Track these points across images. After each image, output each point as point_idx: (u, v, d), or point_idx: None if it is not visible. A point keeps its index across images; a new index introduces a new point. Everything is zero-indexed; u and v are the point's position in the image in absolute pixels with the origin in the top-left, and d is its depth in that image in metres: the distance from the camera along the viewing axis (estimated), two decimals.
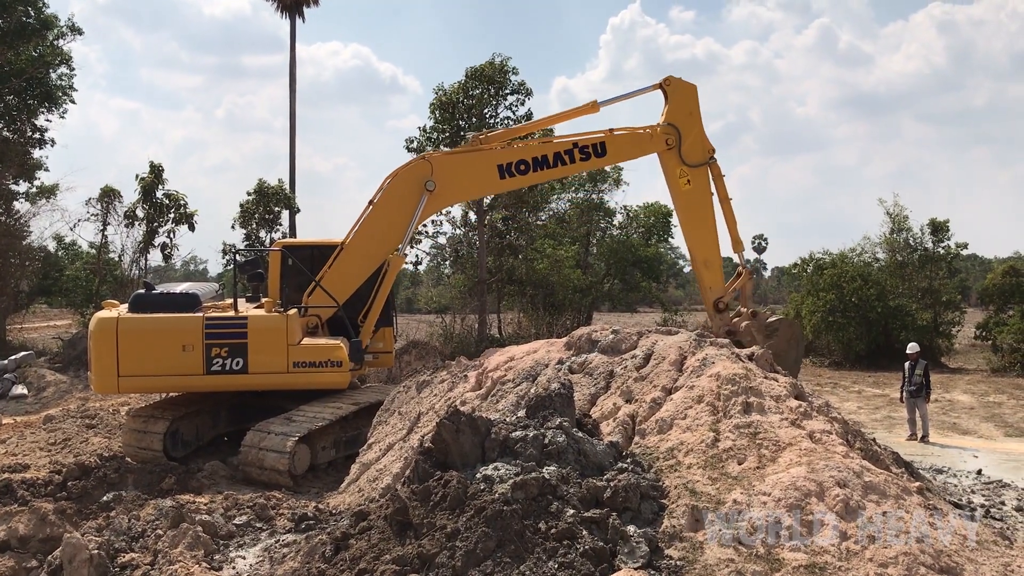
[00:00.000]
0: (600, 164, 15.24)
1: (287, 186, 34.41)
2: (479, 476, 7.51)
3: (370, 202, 14.51)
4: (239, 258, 14.71)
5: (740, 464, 7.97)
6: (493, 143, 15.07)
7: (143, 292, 13.61)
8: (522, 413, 8.97)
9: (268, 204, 31.54)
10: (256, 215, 31.31)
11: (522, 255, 32.25)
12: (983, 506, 10.62)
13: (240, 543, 8.91)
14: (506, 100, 29.97)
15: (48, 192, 31.90)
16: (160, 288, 14.15)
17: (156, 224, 29.47)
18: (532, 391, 10.23)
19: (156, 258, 30.81)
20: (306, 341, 13.20)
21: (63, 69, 30.66)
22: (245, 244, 30.49)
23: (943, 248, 31.86)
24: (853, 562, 6.58)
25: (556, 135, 16.95)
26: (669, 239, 38.85)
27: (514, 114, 30.13)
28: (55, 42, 29.99)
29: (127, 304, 13.50)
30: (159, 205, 29.39)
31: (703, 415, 8.84)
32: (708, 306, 15.18)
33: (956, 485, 11.99)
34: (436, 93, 29.83)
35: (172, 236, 29.81)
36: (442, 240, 33.04)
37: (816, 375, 26.21)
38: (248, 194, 31.52)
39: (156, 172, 29.35)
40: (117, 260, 30.89)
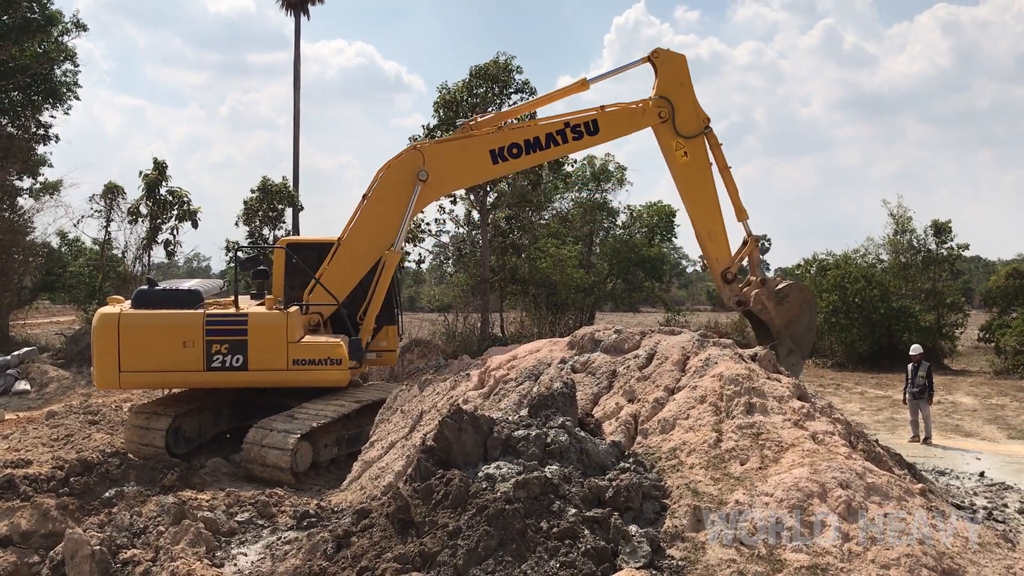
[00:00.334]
0: (593, 143, 14.64)
1: (291, 184, 34.44)
2: (481, 475, 7.52)
3: (364, 196, 14.31)
4: (240, 255, 14.61)
5: (742, 465, 7.97)
6: (484, 128, 14.77)
7: (146, 288, 13.73)
8: (524, 412, 8.98)
9: (272, 202, 31.56)
10: (260, 212, 31.33)
11: (525, 254, 32.23)
12: (985, 508, 10.60)
13: (242, 540, 8.92)
14: (510, 99, 29.90)
15: (52, 188, 31.91)
16: (163, 284, 14.22)
17: (159, 221, 29.52)
18: (535, 390, 10.23)
19: (159, 255, 30.93)
20: (307, 339, 13.20)
21: (68, 65, 30.68)
22: (248, 241, 30.49)
23: (945, 250, 31.83)
24: (855, 563, 6.57)
25: (548, 116, 16.53)
26: (672, 239, 38.84)
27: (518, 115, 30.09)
28: (60, 38, 29.98)
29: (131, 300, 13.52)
30: (162, 202, 29.42)
31: (706, 415, 8.83)
32: (716, 278, 14.81)
33: (958, 487, 11.97)
34: (440, 91, 29.79)
35: (175, 233, 29.88)
36: (445, 239, 33.07)
37: (819, 376, 26.18)
38: (252, 191, 31.57)
39: (160, 169, 29.39)
40: (120, 257, 30.93)
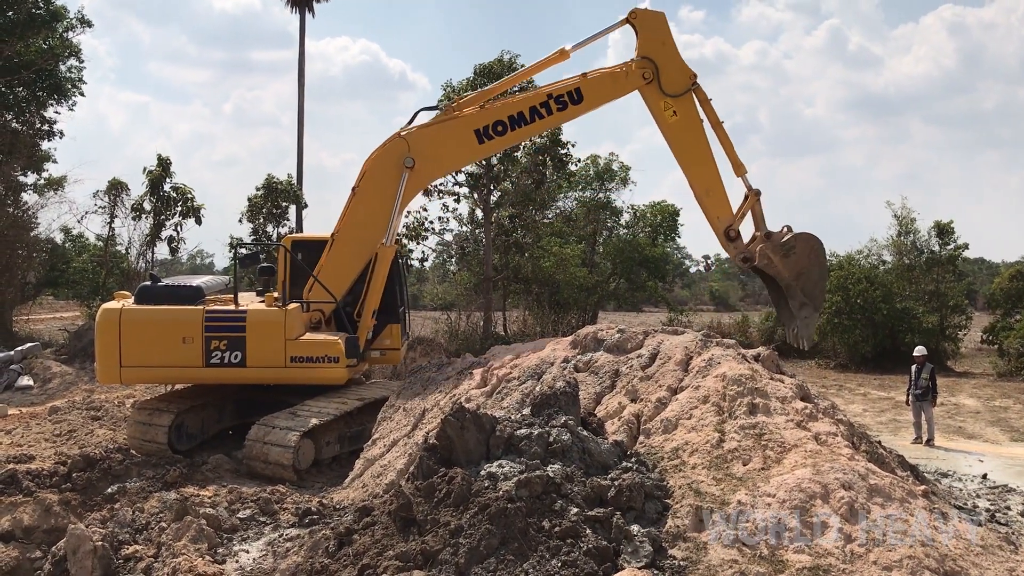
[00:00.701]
0: (578, 112, 14.16)
1: (295, 181, 34.45)
2: (483, 473, 7.52)
3: (352, 189, 14.11)
4: (240, 252, 14.59)
5: (745, 465, 7.96)
6: (467, 109, 14.35)
7: (149, 284, 13.76)
8: (527, 411, 8.98)
9: (276, 199, 31.57)
10: (264, 210, 31.35)
11: (528, 253, 32.21)
12: (988, 510, 10.59)
13: (244, 537, 8.92)
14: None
15: (56, 184, 31.93)
16: (167, 281, 14.27)
17: (163, 217, 29.53)
18: (537, 389, 10.24)
19: (163, 251, 30.93)
20: (305, 336, 13.20)
21: (72, 61, 30.65)
22: (252, 239, 30.51)
23: (948, 251, 31.77)
24: (857, 564, 6.57)
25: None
26: (676, 238, 38.77)
27: None
28: (64, 34, 29.99)
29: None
30: (166, 198, 29.44)
31: (708, 415, 8.83)
32: (719, 237, 14.19)
33: (961, 489, 11.95)
34: (444, 90, 29.76)
35: (179, 229, 29.89)
36: (448, 237, 33.04)
37: (821, 377, 26.15)
38: (257, 189, 31.58)
39: (164, 165, 29.41)
40: (124, 253, 30.96)
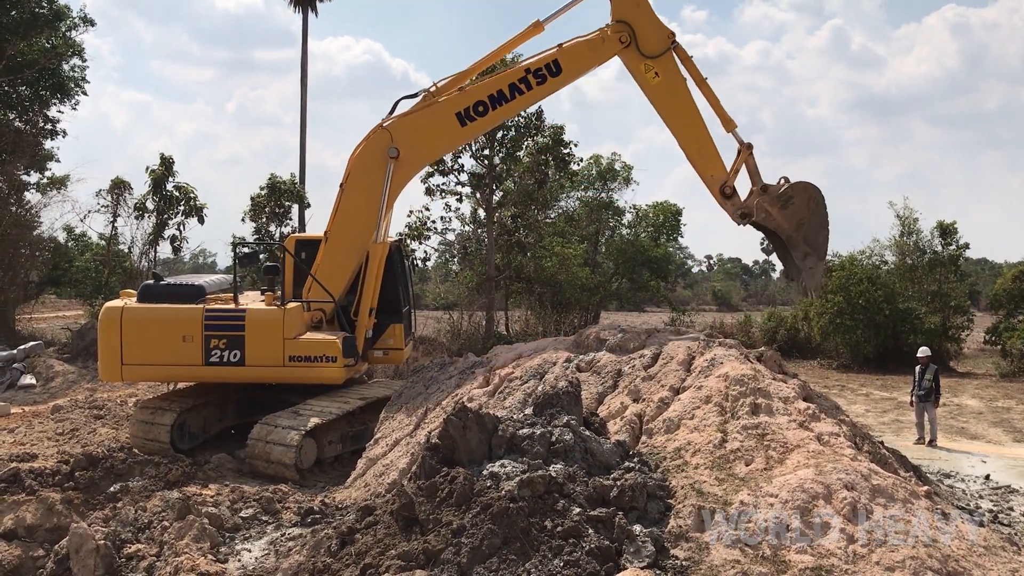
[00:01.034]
0: (559, 84, 13.97)
1: (298, 180, 34.47)
2: (486, 473, 7.52)
3: (340, 186, 14.03)
4: (239, 252, 14.56)
5: (747, 465, 7.96)
6: (446, 92, 14.15)
7: (151, 283, 13.85)
8: (529, 411, 8.98)
9: (279, 199, 31.58)
10: (266, 209, 31.36)
11: (530, 253, 32.20)
12: (991, 511, 10.58)
13: (246, 536, 8.93)
14: None
15: (59, 183, 31.95)
16: (172, 280, 14.33)
17: (166, 216, 29.54)
18: (540, 389, 10.24)
19: (165, 250, 30.95)
20: (304, 336, 13.20)
21: (75, 60, 30.65)
22: (255, 238, 30.53)
23: (950, 252, 31.71)
24: (860, 565, 6.57)
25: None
26: (678, 238, 38.76)
27: (524, 112, 30.06)
28: (67, 33, 29.99)
29: None
30: (169, 197, 29.45)
31: (711, 415, 8.83)
32: (715, 195, 13.74)
33: (964, 490, 11.94)
34: None
35: (182, 229, 29.91)
36: (451, 237, 33.05)
37: (824, 377, 26.13)
38: (260, 189, 31.58)
39: (166, 165, 29.43)
40: (127, 252, 30.99)
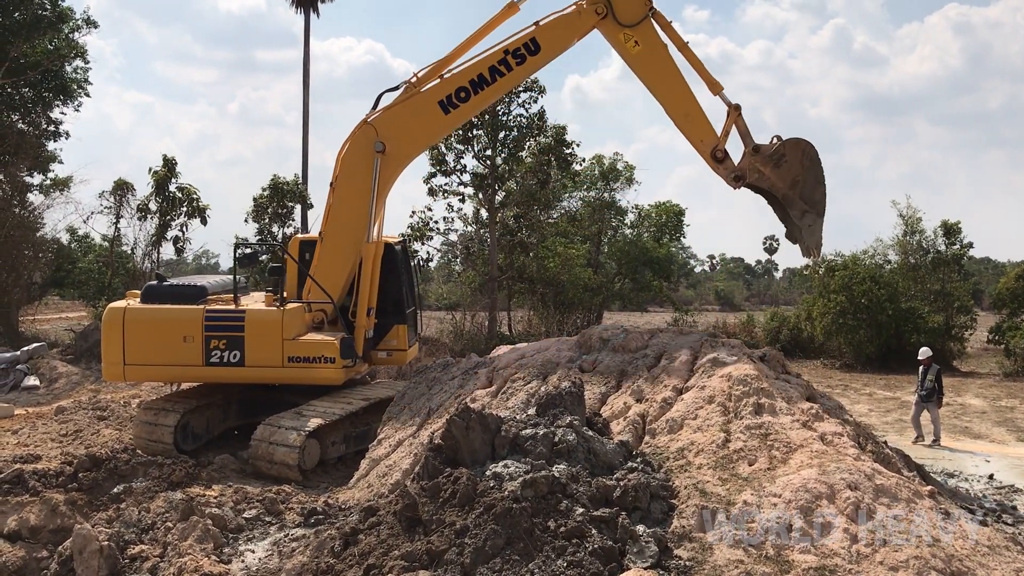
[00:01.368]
0: (539, 63, 13.72)
1: (300, 181, 34.50)
2: (489, 473, 7.52)
3: (330, 185, 13.97)
4: (238, 252, 14.59)
5: (751, 465, 7.96)
6: (426, 82, 13.89)
7: (155, 283, 13.97)
8: (532, 411, 8.98)
9: (281, 199, 31.61)
10: (269, 210, 31.39)
11: (533, 253, 32.21)
12: (995, 511, 10.57)
13: (249, 537, 8.94)
14: (519, 97, 29.90)
15: (62, 184, 31.95)
16: (175, 281, 14.44)
17: (169, 217, 29.57)
18: (543, 389, 10.23)
19: (168, 251, 30.98)
20: (304, 337, 13.23)
21: (78, 62, 30.70)
22: (257, 239, 30.56)
23: (954, 251, 31.67)
24: (863, 565, 6.56)
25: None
26: (681, 238, 38.76)
27: (527, 112, 30.10)
28: (70, 35, 30.04)
29: None
30: (172, 198, 29.48)
31: (714, 415, 8.82)
32: (707, 160, 13.37)
33: (968, 489, 11.93)
34: None
35: (184, 230, 29.95)
36: (453, 237, 33.06)
37: (827, 377, 26.10)
38: (263, 189, 31.62)
39: (169, 166, 29.47)
40: (130, 253, 31.03)
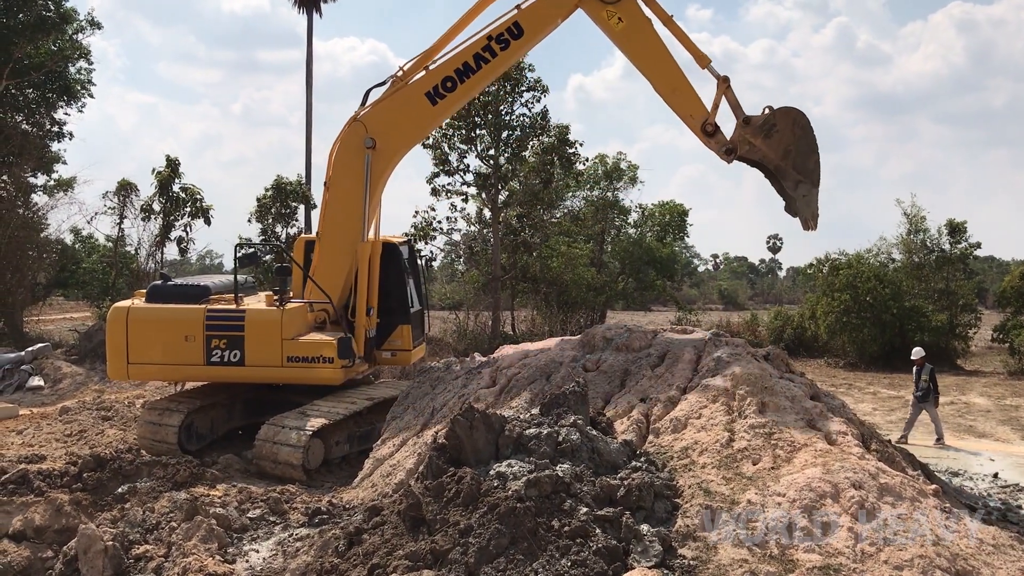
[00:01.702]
0: (524, 46, 13.51)
1: (304, 181, 34.54)
2: (492, 473, 7.52)
3: (324, 185, 13.98)
4: (238, 251, 14.65)
5: (755, 464, 7.95)
6: (413, 75, 13.75)
7: (159, 283, 14.05)
8: (536, 410, 8.98)
9: (285, 199, 31.65)
10: (272, 210, 31.43)
11: (536, 252, 32.23)
12: (999, 509, 10.56)
13: (254, 536, 8.95)
14: (522, 97, 29.93)
15: (66, 185, 32.04)
16: (178, 281, 14.52)
17: (172, 218, 29.62)
18: (546, 389, 10.25)
19: (172, 252, 31.03)
20: (304, 337, 13.23)
21: (82, 63, 30.78)
22: (261, 239, 30.60)
23: (959, 249, 31.63)
24: (868, 564, 6.55)
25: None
26: (684, 238, 38.76)
27: (530, 111, 30.12)
28: (74, 36, 30.11)
29: None
30: (175, 199, 29.53)
31: (718, 415, 8.82)
32: (698, 135, 13.04)
33: (972, 488, 11.91)
34: None
35: (188, 230, 29.99)
36: (456, 237, 33.09)
37: (831, 376, 26.08)
38: (266, 189, 31.66)
39: (172, 166, 29.52)
40: (133, 253, 31.08)
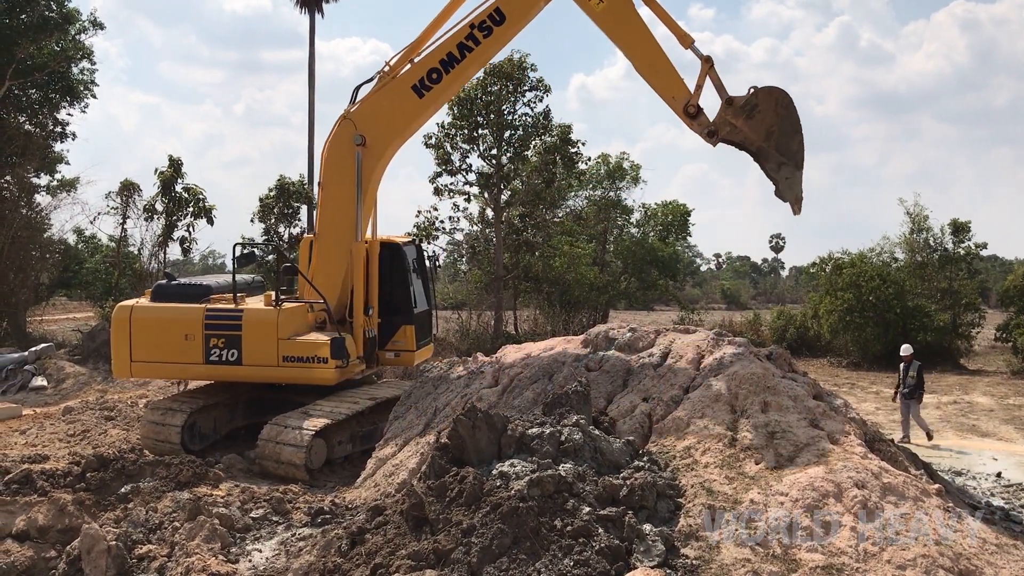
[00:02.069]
0: (507, 33, 13.37)
1: (307, 181, 34.58)
2: (495, 473, 7.52)
3: (319, 184, 14.04)
4: (243, 251, 14.74)
5: (757, 464, 7.95)
6: (398, 69, 13.70)
7: (164, 282, 14.22)
8: (539, 410, 8.99)
9: (288, 200, 31.68)
10: (275, 210, 31.47)
11: (539, 252, 32.22)
12: (1002, 509, 10.53)
13: (256, 536, 8.96)
14: (524, 97, 29.91)
15: (69, 185, 32.08)
16: (183, 280, 14.74)
17: (175, 218, 29.66)
18: (549, 388, 10.25)
19: (175, 252, 31.07)
20: (300, 337, 13.24)
21: (84, 63, 30.79)
22: (263, 239, 30.64)
23: (963, 249, 31.58)
24: (871, 563, 6.55)
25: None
26: (687, 237, 38.72)
27: (532, 111, 30.10)
28: (77, 36, 30.13)
29: None
30: (178, 199, 29.57)
31: (720, 414, 8.81)
32: (680, 116, 12.61)
33: (975, 488, 11.89)
34: None
35: (191, 230, 30.02)
36: (459, 236, 33.09)
37: (833, 375, 26.05)
38: (269, 190, 31.69)
39: (175, 166, 29.55)
40: (136, 253, 31.12)
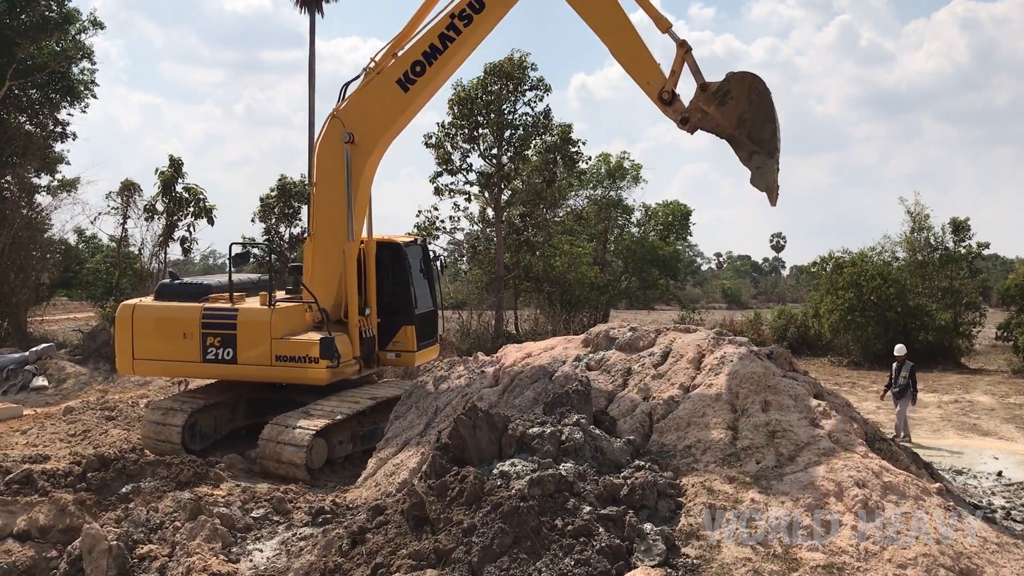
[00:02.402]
0: (489, 21, 13.10)
1: (308, 182, 34.61)
2: (496, 472, 7.53)
3: (312, 184, 14.06)
4: (244, 251, 14.82)
5: (758, 463, 7.95)
6: (382, 64, 13.58)
7: (167, 281, 14.45)
8: (539, 410, 8.99)
9: (288, 199, 31.72)
10: (276, 210, 31.51)
11: (539, 252, 32.23)
12: (1003, 508, 10.54)
13: (257, 536, 8.96)
14: (524, 96, 29.92)
15: (69, 185, 32.12)
16: (186, 279, 14.93)
17: (175, 218, 29.74)
18: (549, 388, 10.25)
19: (175, 251, 31.15)
20: (296, 336, 13.26)
21: (85, 64, 30.81)
22: (264, 239, 30.69)
23: (964, 248, 31.59)
24: (871, 563, 6.55)
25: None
26: (688, 237, 38.72)
27: (532, 110, 30.12)
28: (77, 36, 30.15)
29: None
30: (178, 199, 29.64)
31: (721, 413, 8.81)
32: (655, 102, 12.19)
33: (976, 487, 11.89)
34: (455, 89, 29.76)
35: (191, 230, 30.11)
36: (459, 236, 33.10)
37: (834, 374, 26.05)
38: (270, 190, 31.73)
39: (176, 166, 29.58)
40: (137, 253, 31.16)
